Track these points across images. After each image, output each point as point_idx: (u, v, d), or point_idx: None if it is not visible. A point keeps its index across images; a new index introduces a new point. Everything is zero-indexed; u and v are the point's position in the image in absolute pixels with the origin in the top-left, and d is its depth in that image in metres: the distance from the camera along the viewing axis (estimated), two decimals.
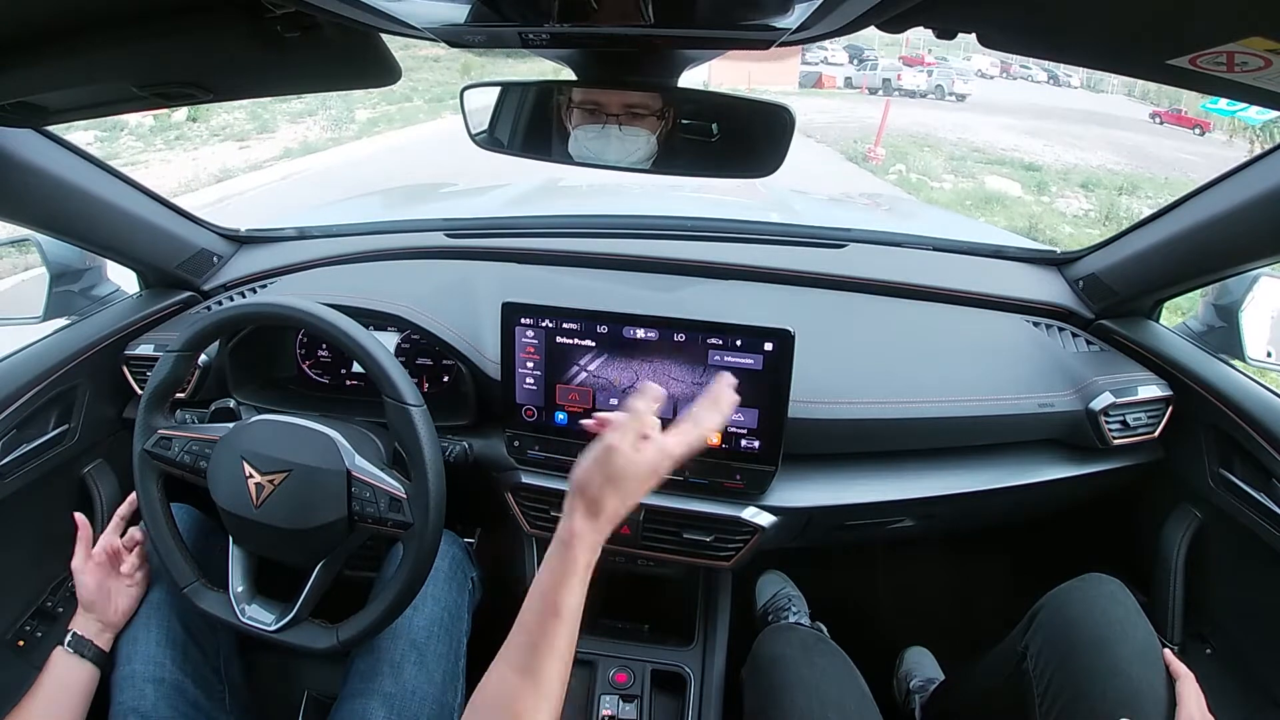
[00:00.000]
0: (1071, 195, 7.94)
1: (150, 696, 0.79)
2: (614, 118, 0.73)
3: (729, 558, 0.94)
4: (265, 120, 9.87)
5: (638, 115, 0.73)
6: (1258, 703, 0.90)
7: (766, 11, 0.53)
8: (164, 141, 8.37)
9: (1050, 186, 8.21)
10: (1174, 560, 1.00)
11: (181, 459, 0.81)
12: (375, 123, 10.81)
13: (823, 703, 0.77)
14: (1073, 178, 8.88)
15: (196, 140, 8.86)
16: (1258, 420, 0.88)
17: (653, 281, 1.13)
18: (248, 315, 0.83)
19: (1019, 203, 7.33)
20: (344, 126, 10.30)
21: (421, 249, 1.23)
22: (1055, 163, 9.93)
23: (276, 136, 9.37)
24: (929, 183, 8.08)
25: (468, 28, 0.59)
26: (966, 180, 8.37)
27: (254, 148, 8.62)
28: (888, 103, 10.73)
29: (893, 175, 8.38)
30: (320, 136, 9.60)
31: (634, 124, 0.73)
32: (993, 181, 8.17)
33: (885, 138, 9.53)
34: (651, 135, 0.74)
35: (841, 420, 0.92)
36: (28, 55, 0.55)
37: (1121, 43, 0.46)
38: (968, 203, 7.17)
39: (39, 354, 0.99)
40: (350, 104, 11.30)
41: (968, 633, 1.15)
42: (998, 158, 10.04)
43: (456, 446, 0.96)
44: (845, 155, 9.71)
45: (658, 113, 0.74)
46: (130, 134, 8.24)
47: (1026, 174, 8.88)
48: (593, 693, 0.98)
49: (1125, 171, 9.55)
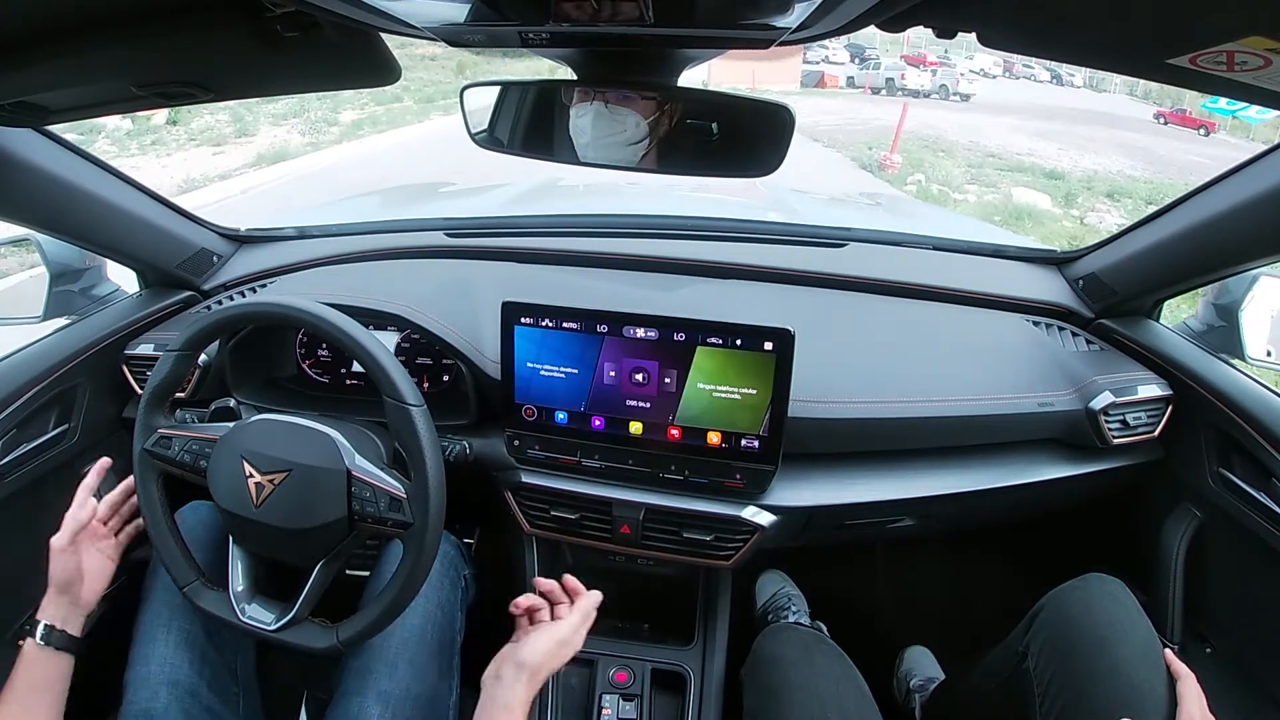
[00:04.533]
0: (1103, 208, 7.56)
1: (163, 698, 0.78)
2: (601, 93, 0.72)
3: (729, 557, 0.94)
4: (248, 123, 9.46)
5: (627, 97, 0.72)
6: (1258, 703, 0.90)
7: (766, 11, 0.53)
8: (139, 146, 7.93)
9: (1078, 198, 7.76)
10: (1174, 560, 1.00)
11: (181, 458, 0.81)
12: (360, 125, 10.34)
13: (822, 703, 0.77)
14: (1097, 186, 8.49)
15: (172, 145, 8.42)
16: (1258, 420, 0.88)
17: (653, 281, 1.13)
18: (247, 315, 0.83)
19: (1050, 216, 6.87)
20: (324, 130, 9.81)
21: (421, 248, 1.23)
22: (1073, 168, 9.59)
23: (255, 141, 8.92)
24: (951, 194, 7.61)
25: (468, 27, 0.59)
26: (990, 191, 7.92)
27: (229, 153, 8.18)
28: (905, 106, 9.88)
29: (911, 185, 7.87)
30: (298, 142, 9.11)
31: (622, 104, 0.72)
32: (1020, 193, 7.61)
33: (890, 140, 9.18)
34: (642, 119, 0.72)
35: (841, 420, 0.92)
36: (28, 55, 0.55)
37: (1121, 42, 0.46)
38: (996, 218, 6.61)
39: (39, 354, 0.99)
40: (339, 104, 10.82)
41: (968, 632, 1.15)
42: (1015, 164, 9.63)
43: (456, 446, 0.96)
44: (858, 162, 9.20)
45: (652, 100, 0.72)
46: (106, 138, 7.87)
47: (1049, 182, 8.46)
48: (593, 692, 0.98)
49: (1145, 178, 9.27)
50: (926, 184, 7.98)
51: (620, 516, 0.94)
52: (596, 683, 0.99)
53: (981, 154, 10.26)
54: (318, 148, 8.91)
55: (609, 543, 0.96)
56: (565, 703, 0.99)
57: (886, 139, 9.37)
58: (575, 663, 1.02)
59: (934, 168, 8.68)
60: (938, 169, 8.63)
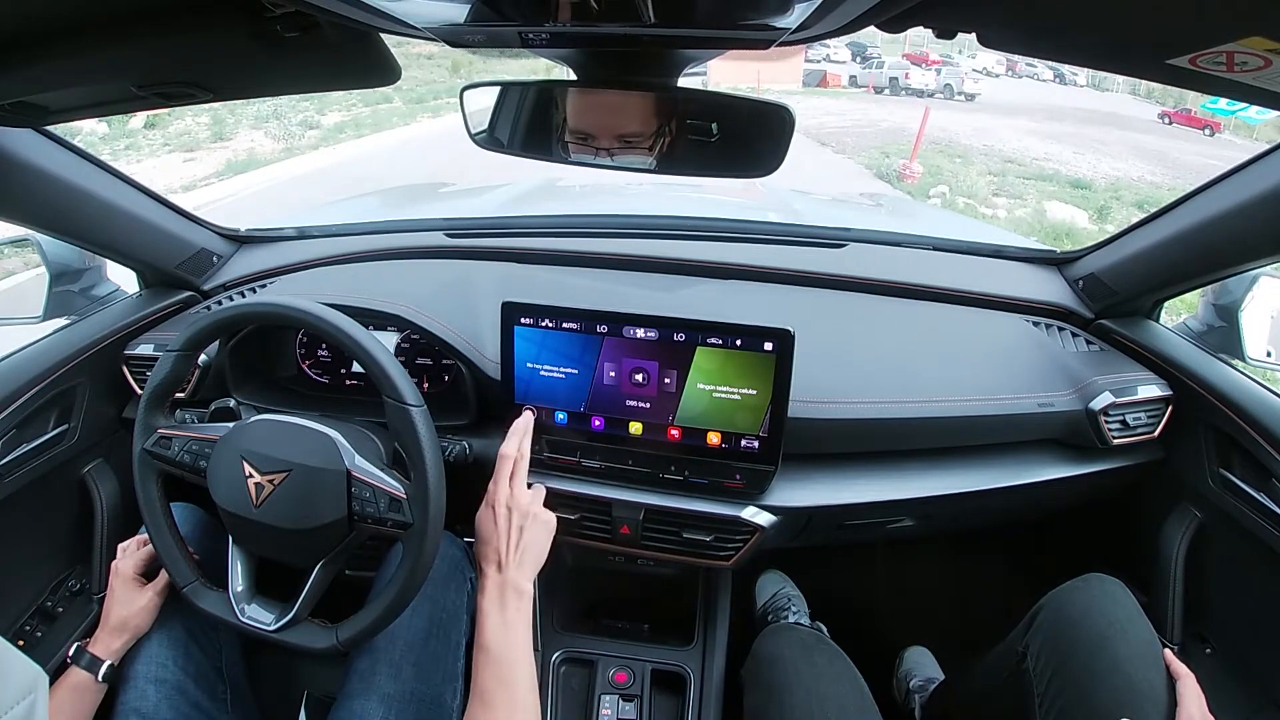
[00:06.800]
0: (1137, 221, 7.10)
1: (152, 697, 0.79)
2: (605, 151, 0.73)
3: (729, 557, 0.94)
4: (229, 126, 9.04)
5: (631, 144, 0.73)
6: (1258, 703, 0.90)
7: (766, 11, 0.53)
8: (111, 151, 7.59)
9: (1110, 210, 7.27)
10: (1174, 560, 1.00)
11: (181, 458, 0.81)
12: (342, 128, 9.85)
13: (822, 703, 0.77)
14: (1125, 196, 8.06)
15: (146, 150, 8.11)
16: (1258, 420, 0.88)
17: (653, 281, 1.13)
18: (247, 315, 0.83)
19: (1088, 235, 6.20)
20: (299, 136, 9.23)
21: (421, 249, 1.23)
22: (1094, 174, 9.24)
23: (230, 146, 8.51)
24: (979, 207, 7.18)
25: (468, 27, 0.59)
26: (1019, 205, 7.43)
27: (201, 160, 7.79)
28: (926, 110, 9.11)
29: (935, 199, 7.37)
30: (272, 148, 8.60)
31: (626, 152, 0.73)
32: (1055, 209, 7.12)
33: (904, 144, 8.67)
34: (648, 157, 0.73)
35: (841, 420, 0.92)
36: (28, 55, 0.55)
37: (1121, 42, 0.46)
38: (1032, 238, 6.00)
39: (39, 354, 0.99)
40: (325, 105, 10.38)
41: (968, 633, 1.15)
42: (1037, 172, 9.19)
43: (456, 446, 0.96)
44: (874, 170, 8.65)
45: (651, 136, 0.72)
46: (80, 142, 7.63)
47: (1075, 192, 8.06)
48: (593, 692, 0.98)
49: (1168, 184, 8.97)
50: (951, 196, 7.54)
51: (620, 517, 0.94)
52: (596, 683, 0.99)
53: (999, 159, 9.87)
54: (293, 153, 8.44)
55: (609, 543, 0.96)
56: (565, 703, 0.99)
57: (899, 142, 8.97)
58: (575, 663, 1.03)
59: (955, 177, 8.28)
60: (960, 179, 8.22)
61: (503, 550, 0.76)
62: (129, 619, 0.83)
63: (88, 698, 0.80)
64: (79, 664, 0.80)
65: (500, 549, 0.76)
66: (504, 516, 0.77)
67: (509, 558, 0.75)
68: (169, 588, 0.86)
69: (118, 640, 0.82)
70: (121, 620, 0.82)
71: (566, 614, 1.10)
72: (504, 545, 0.76)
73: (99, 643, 0.82)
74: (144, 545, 0.89)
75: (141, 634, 0.84)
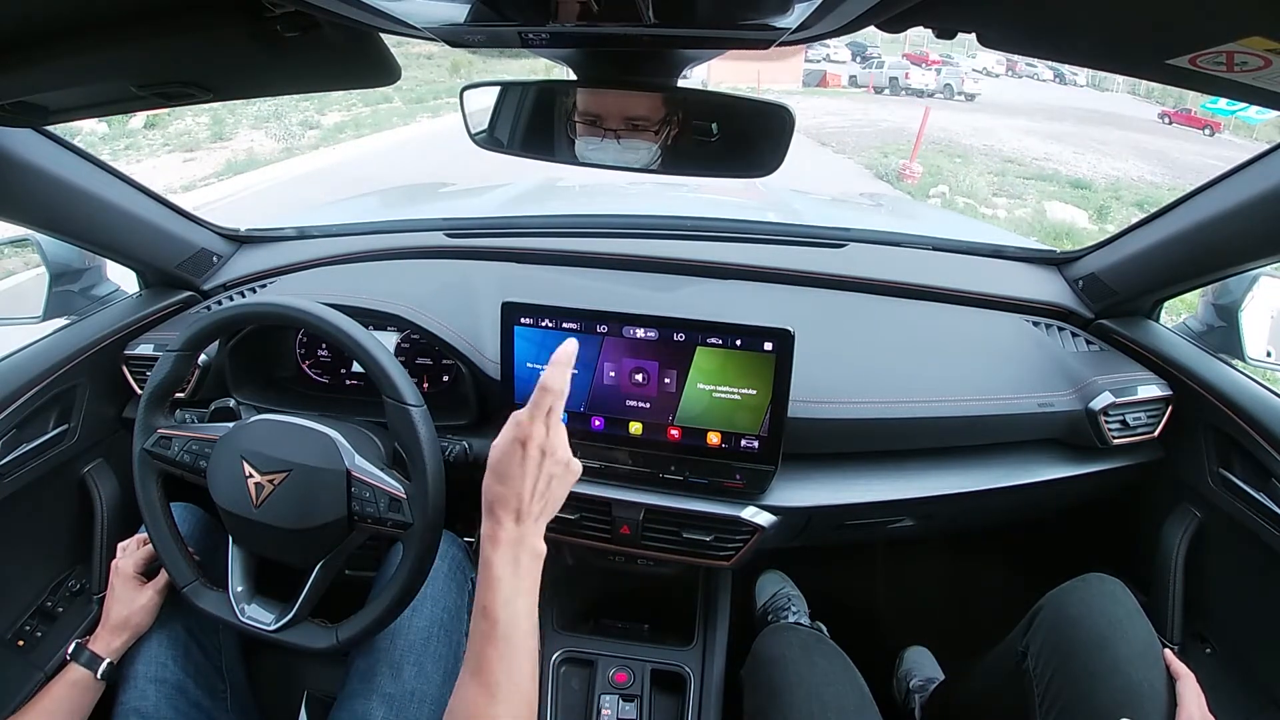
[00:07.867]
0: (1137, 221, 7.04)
1: (152, 696, 0.79)
2: (612, 132, 0.73)
3: (729, 557, 0.94)
4: (229, 126, 9.01)
5: (638, 128, 0.72)
6: (1258, 703, 0.90)
7: (766, 11, 0.53)
8: (111, 151, 7.52)
9: (1110, 210, 7.19)
10: (1174, 560, 1.00)
11: (181, 458, 0.81)
12: (342, 128, 9.77)
13: (822, 703, 0.77)
14: (1125, 196, 8.00)
15: (146, 150, 8.04)
16: (1258, 420, 0.88)
17: (653, 281, 1.13)
18: (247, 315, 0.83)
19: (1088, 235, 6.20)
20: (299, 136, 9.17)
21: (421, 249, 1.23)
22: (1094, 174, 9.20)
23: (230, 146, 8.45)
24: (979, 207, 7.10)
25: (468, 27, 0.59)
26: (1019, 205, 7.36)
27: (201, 160, 7.70)
28: (926, 110, 9.11)
29: (935, 199, 7.30)
30: (272, 148, 8.49)
31: (634, 136, 0.73)
32: (1055, 209, 7.03)
33: (904, 144, 8.71)
34: (653, 145, 0.73)
35: (841, 420, 0.92)
36: (28, 55, 0.55)
37: (1121, 42, 0.46)
38: (1034, 238, 6.05)
39: (39, 354, 0.99)
40: (325, 105, 10.36)
41: (968, 633, 1.15)
42: (1037, 172, 9.15)
43: (456, 446, 0.96)
44: (874, 171, 8.60)
45: (659, 123, 0.73)
46: (80, 142, 7.57)
47: (1075, 192, 8.04)
48: (592, 692, 0.98)
49: (1168, 184, 8.95)
50: (951, 196, 7.42)
51: (620, 517, 0.94)
52: (596, 683, 0.99)
53: (999, 159, 9.81)
54: (292, 153, 8.33)
55: (609, 543, 0.96)
56: (565, 703, 0.99)
57: (899, 142, 8.99)
58: (575, 663, 1.03)
59: (955, 176, 8.18)
60: (960, 178, 8.09)
61: (526, 498, 0.62)
62: (130, 617, 0.83)
63: (86, 695, 0.80)
64: (78, 661, 0.80)
65: (524, 496, 0.62)
66: (534, 459, 0.62)
67: (530, 507, 0.62)
68: (169, 587, 0.86)
69: (118, 639, 0.82)
70: (122, 618, 0.82)
71: (566, 614, 1.10)
72: (528, 493, 0.62)
73: (99, 641, 0.82)
74: (144, 544, 0.89)
75: (142, 633, 0.84)
